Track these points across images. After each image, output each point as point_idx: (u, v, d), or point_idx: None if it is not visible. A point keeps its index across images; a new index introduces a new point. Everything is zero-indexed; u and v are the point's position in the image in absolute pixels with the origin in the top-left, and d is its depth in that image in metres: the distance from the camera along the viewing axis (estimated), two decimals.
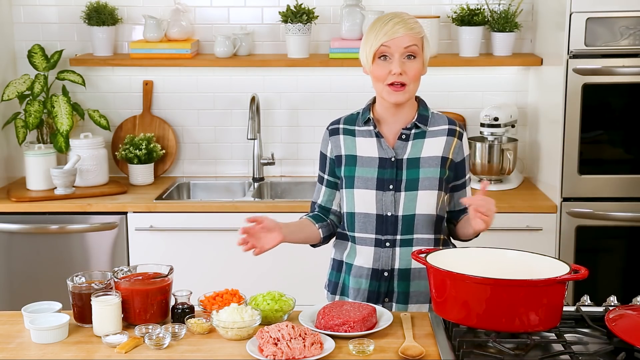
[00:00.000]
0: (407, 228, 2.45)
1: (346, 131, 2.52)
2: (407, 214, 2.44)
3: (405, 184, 2.44)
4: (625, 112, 3.62)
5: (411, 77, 2.39)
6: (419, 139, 2.48)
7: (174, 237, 3.67)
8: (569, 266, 2.11)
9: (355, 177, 2.47)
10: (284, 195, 4.14)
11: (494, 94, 4.13)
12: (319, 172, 2.59)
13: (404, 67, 2.38)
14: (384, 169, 2.45)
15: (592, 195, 3.61)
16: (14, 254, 3.72)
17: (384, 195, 2.44)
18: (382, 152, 2.46)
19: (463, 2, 4.04)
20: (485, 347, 2.07)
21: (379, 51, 2.39)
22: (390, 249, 2.45)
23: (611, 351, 2.03)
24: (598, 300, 2.36)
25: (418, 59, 2.41)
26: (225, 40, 4.00)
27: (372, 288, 2.48)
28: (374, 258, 2.47)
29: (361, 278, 2.49)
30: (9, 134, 4.04)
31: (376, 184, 2.45)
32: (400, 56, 2.38)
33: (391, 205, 2.44)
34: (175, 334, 2.20)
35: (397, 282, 2.47)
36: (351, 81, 4.12)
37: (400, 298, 2.48)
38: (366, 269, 2.48)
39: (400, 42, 2.37)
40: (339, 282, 2.56)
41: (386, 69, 2.39)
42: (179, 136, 4.21)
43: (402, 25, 2.38)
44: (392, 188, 2.44)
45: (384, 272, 2.47)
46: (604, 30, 3.49)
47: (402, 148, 2.47)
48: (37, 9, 4.12)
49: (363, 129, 2.51)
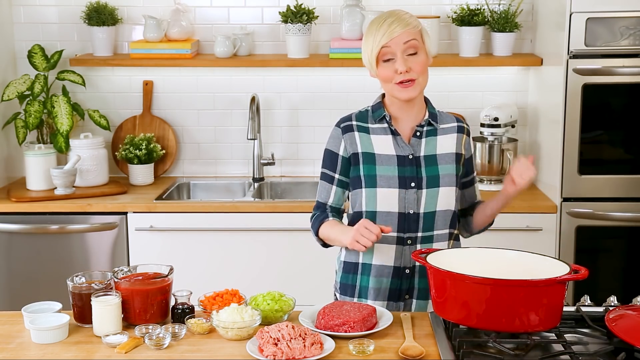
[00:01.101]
0: (428, 225, 2.46)
1: (360, 128, 2.50)
2: (429, 211, 2.45)
3: (426, 181, 2.45)
4: (625, 112, 3.62)
5: (418, 71, 2.40)
6: (432, 136, 2.50)
7: (174, 237, 3.67)
8: (569, 266, 2.11)
9: (377, 175, 2.45)
10: (284, 195, 4.14)
11: (494, 94, 4.13)
12: (327, 171, 2.53)
13: (409, 64, 2.39)
14: (403, 166, 2.45)
15: (592, 195, 3.61)
16: (14, 254, 3.72)
17: (406, 193, 2.44)
18: (399, 149, 2.46)
19: (463, 2, 4.04)
20: (485, 347, 2.07)
21: (381, 54, 2.40)
22: (412, 247, 2.46)
23: (611, 351, 2.03)
24: (598, 301, 2.36)
25: (420, 52, 2.41)
26: (225, 40, 4.00)
27: (394, 286, 2.49)
28: (396, 256, 2.47)
29: (382, 277, 2.49)
30: (9, 134, 4.04)
31: (398, 182, 2.44)
32: (403, 54, 2.39)
33: (414, 203, 2.45)
34: (176, 334, 2.20)
35: (419, 278, 2.48)
36: (351, 81, 4.12)
37: (421, 294, 2.49)
38: (388, 267, 2.48)
39: (399, 40, 2.38)
40: (355, 285, 2.54)
41: (391, 69, 2.40)
42: (179, 136, 4.21)
43: (398, 23, 2.38)
44: (414, 186, 2.44)
45: (405, 269, 2.48)
46: (604, 30, 3.49)
47: (417, 145, 2.48)
48: (37, 9, 4.12)
49: (377, 126, 2.50)
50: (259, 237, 3.65)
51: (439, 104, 4.08)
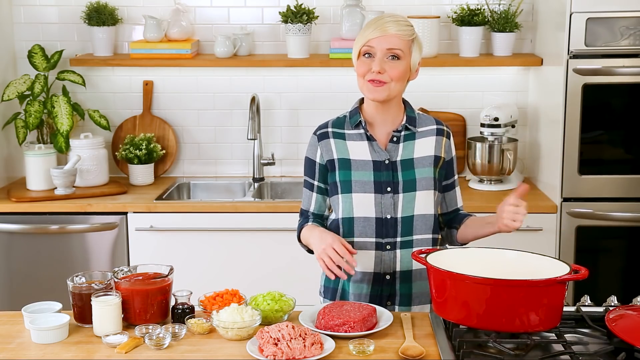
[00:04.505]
0: (407, 229, 2.45)
1: (336, 135, 2.51)
2: (406, 216, 2.44)
3: (402, 185, 2.44)
4: (625, 112, 3.62)
5: (392, 77, 2.39)
6: (410, 140, 2.48)
7: (174, 237, 3.67)
8: (569, 266, 2.11)
9: (352, 181, 2.45)
10: (284, 195, 4.14)
11: (494, 94, 4.13)
12: (307, 178, 2.55)
13: (385, 66, 2.39)
14: (379, 171, 2.45)
15: (592, 195, 3.61)
16: (14, 254, 3.72)
17: (382, 198, 2.44)
18: (374, 154, 2.46)
19: (463, 2, 4.04)
20: (485, 347, 2.07)
21: (364, 49, 2.41)
22: (392, 252, 2.45)
23: (611, 351, 2.03)
24: (598, 301, 2.36)
25: (402, 61, 2.40)
26: (226, 41, 4.00)
27: (374, 292, 2.48)
28: (375, 262, 2.46)
29: (362, 283, 2.48)
30: (9, 134, 4.04)
31: (374, 187, 2.44)
32: (383, 55, 2.39)
33: (390, 208, 2.44)
34: (176, 334, 2.20)
35: (400, 284, 2.47)
36: (351, 81, 4.06)
37: (403, 300, 2.48)
38: (368, 273, 2.47)
39: (383, 42, 2.38)
40: (337, 288, 2.54)
41: (367, 65, 2.41)
42: (179, 136, 4.21)
43: (392, 25, 2.39)
44: (390, 190, 2.44)
45: (385, 275, 2.46)
46: (604, 30, 3.49)
47: (394, 150, 2.47)
48: (37, 9, 4.12)
49: (353, 132, 2.50)
50: (259, 237, 3.65)
51: (439, 104, 4.12)
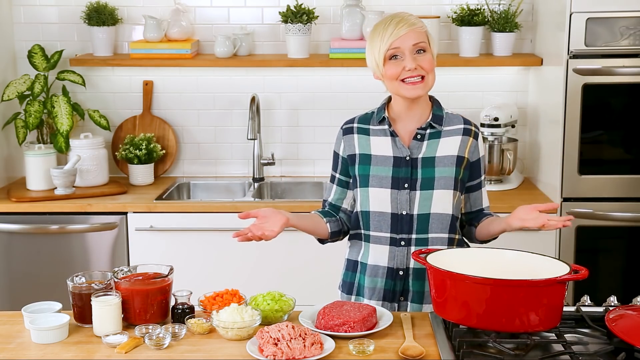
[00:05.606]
0: (422, 227, 2.45)
1: (360, 130, 2.54)
2: (422, 213, 2.45)
3: (420, 182, 2.45)
4: (625, 112, 3.62)
5: (426, 69, 2.42)
6: (434, 138, 2.49)
7: (174, 237, 3.67)
8: (569, 266, 2.11)
9: (370, 175, 2.47)
10: (284, 195, 4.14)
11: (494, 94, 4.13)
12: (332, 170, 2.61)
13: (417, 62, 2.40)
14: (398, 167, 2.46)
15: (592, 195, 3.61)
16: (14, 254, 3.72)
17: (399, 194, 2.45)
18: (396, 150, 2.47)
19: (463, 2, 4.04)
20: (485, 347, 2.07)
21: (389, 53, 2.41)
22: (406, 248, 2.46)
23: (611, 351, 2.03)
24: (598, 301, 2.36)
25: (428, 53, 2.43)
26: (225, 40, 4.00)
27: (388, 287, 2.49)
28: (389, 257, 2.47)
29: (376, 277, 2.49)
30: (9, 134, 4.04)
31: (391, 182, 2.45)
32: (411, 53, 2.40)
33: (406, 204, 2.45)
34: (176, 334, 2.20)
35: (412, 281, 2.48)
36: (351, 81, 4.12)
37: (415, 297, 2.49)
38: (381, 267, 2.48)
39: (407, 39, 2.40)
40: (354, 283, 2.56)
41: (399, 66, 2.41)
42: (179, 136, 4.21)
43: (404, 23, 2.40)
44: (407, 187, 2.45)
45: (399, 270, 2.47)
46: (604, 30, 3.49)
47: (417, 147, 2.47)
48: (37, 9, 4.12)
49: (377, 128, 2.52)
50: None
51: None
